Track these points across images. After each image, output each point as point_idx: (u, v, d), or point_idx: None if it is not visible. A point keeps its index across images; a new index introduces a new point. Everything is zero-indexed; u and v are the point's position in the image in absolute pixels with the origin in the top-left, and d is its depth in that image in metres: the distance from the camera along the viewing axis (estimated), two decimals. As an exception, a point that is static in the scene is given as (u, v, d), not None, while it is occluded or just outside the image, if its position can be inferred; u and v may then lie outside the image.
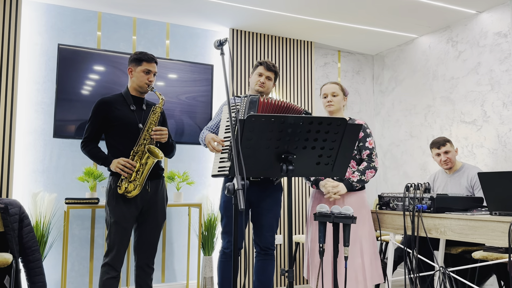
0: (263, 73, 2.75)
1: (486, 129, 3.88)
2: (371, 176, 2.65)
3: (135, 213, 2.64)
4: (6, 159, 3.40)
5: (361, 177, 2.61)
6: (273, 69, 2.78)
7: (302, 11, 3.94)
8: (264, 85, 2.75)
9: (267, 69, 2.76)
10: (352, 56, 5.17)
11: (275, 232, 2.76)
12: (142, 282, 2.74)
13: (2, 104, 3.42)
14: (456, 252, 3.27)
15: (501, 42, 3.79)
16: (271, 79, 2.78)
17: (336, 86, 2.75)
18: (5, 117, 3.43)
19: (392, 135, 4.95)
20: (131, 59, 2.72)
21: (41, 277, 3.16)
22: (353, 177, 2.62)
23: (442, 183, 3.57)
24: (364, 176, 2.62)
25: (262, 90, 2.75)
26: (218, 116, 2.80)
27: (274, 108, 2.54)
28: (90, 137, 2.69)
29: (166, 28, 4.24)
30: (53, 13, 3.81)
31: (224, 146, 2.48)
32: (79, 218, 3.76)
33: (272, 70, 2.77)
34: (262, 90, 2.75)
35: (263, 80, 2.74)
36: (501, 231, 2.18)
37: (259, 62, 2.79)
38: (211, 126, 2.79)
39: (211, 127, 2.78)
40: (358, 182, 2.61)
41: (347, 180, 2.61)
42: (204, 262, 3.97)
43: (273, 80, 2.80)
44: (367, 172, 2.63)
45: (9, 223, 3.03)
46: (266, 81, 2.75)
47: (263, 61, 2.77)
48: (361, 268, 2.56)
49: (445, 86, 4.31)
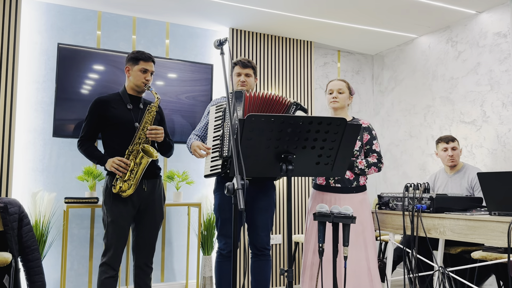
0: (241, 72, 2.78)
1: (485, 129, 3.88)
2: (372, 173, 2.66)
3: (132, 212, 2.64)
4: (5, 158, 3.40)
5: (365, 168, 2.61)
6: (249, 65, 2.79)
7: (301, 11, 3.94)
8: (245, 83, 2.77)
9: (244, 67, 2.78)
10: (351, 56, 5.17)
11: (270, 232, 2.76)
12: (141, 281, 2.74)
13: (1, 103, 3.42)
14: (455, 252, 3.27)
15: (500, 43, 3.79)
16: (250, 75, 2.80)
17: (343, 84, 2.75)
18: (5, 116, 3.42)
19: (391, 135, 4.96)
20: (128, 58, 2.73)
21: (40, 276, 3.16)
22: (360, 163, 2.62)
23: (442, 183, 3.57)
24: (367, 169, 2.62)
25: (245, 89, 2.77)
26: (205, 118, 2.82)
27: (262, 101, 2.56)
28: (86, 136, 2.69)
29: (166, 27, 4.23)
30: (53, 12, 3.80)
31: (212, 149, 2.51)
32: (79, 218, 3.76)
33: (248, 66, 2.79)
34: (245, 89, 2.77)
35: (243, 79, 2.77)
36: (500, 231, 2.18)
37: (234, 63, 2.82)
38: (199, 129, 2.81)
39: (199, 130, 2.81)
40: (360, 170, 2.61)
41: (353, 161, 2.60)
42: (203, 261, 3.97)
43: (254, 76, 2.82)
44: (372, 168, 2.64)
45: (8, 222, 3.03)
46: (247, 79, 2.78)
47: (237, 60, 2.79)
48: (367, 271, 2.54)
49: (444, 86, 4.31)
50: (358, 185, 2.65)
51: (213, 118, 2.61)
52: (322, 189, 2.69)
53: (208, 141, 2.62)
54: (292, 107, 2.61)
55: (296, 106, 2.62)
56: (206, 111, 2.86)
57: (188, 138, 2.79)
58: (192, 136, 2.80)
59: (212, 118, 2.61)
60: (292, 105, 2.62)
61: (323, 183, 2.68)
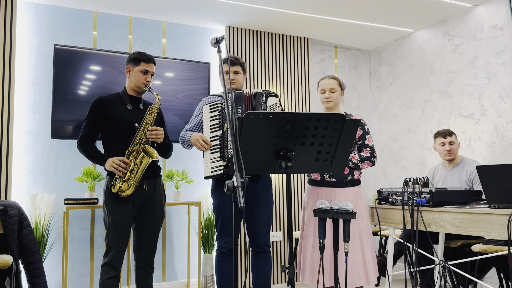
0: (229, 69, 2.75)
1: (483, 123, 3.89)
2: (365, 167, 2.67)
3: (133, 212, 2.64)
4: (4, 160, 3.39)
5: (358, 163, 2.63)
6: (237, 62, 2.76)
7: (298, 7, 3.93)
8: (235, 81, 2.74)
9: (232, 64, 2.74)
10: (349, 51, 5.17)
11: (270, 228, 2.76)
12: (142, 281, 2.74)
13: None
14: (456, 245, 3.28)
15: (497, 35, 3.80)
16: (239, 72, 2.77)
17: (334, 82, 2.74)
18: (2, 119, 3.41)
19: (390, 130, 4.96)
20: (129, 59, 2.72)
21: (41, 278, 3.16)
22: (353, 157, 2.63)
23: (441, 177, 3.58)
24: (361, 164, 2.64)
25: (234, 86, 2.74)
26: (198, 117, 2.77)
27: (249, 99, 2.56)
28: (86, 136, 2.69)
29: (162, 26, 4.22)
30: (48, 13, 3.79)
31: (212, 146, 2.49)
32: (79, 219, 3.76)
33: (236, 63, 2.75)
34: (234, 86, 2.74)
35: (233, 77, 2.74)
36: (500, 224, 2.19)
37: (222, 61, 2.78)
38: (192, 127, 2.76)
39: (191, 128, 2.76)
40: (354, 164, 2.62)
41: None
42: (204, 260, 3.97)
43: (242, 73, 2.80)
44: (366, 162, 2.65)
45: (8, 224, 3.02)
46: (236, 76, 2.75)
47: (224, 58, 2.72)
48: (362, 263, 2.56)
49: (442, 80, 4.31)
50: (353, 179, 2.67)
51: (208, 117, 2.57)
52: (318, 184, 2.69)
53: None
54: (262, 95, 2.60)
55: (266, 94, 2.61)
56: (197, 109, 2.81)
57: (180, 135, 2.74)
58: (185, 132, 2.74)
59: (207, 118, 2.58)
60: (262, 94, 2.60)
61: (318, 178, 2.68)
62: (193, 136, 2.57)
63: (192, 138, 2.57)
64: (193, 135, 2.57)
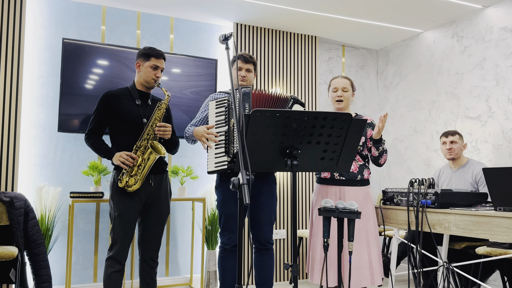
0: (242, 66, 2.75)
1: (490, 125, 3.86)
2: (383, 162, 2.71)
3: (139, 207, 2.65)
4: (11, 153, 3.42)
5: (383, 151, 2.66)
6: (251, 61, 2.77)
7: (306, 5, 3.92)
8: (246, 78, 2.75)
9: (245, 62, 2.75)
10: (356, 50, 5.15)
11: (273, 226, 2.76)
12: (146, 275, 2.75)
13: (7, 98, 3.43)
14: (460, 247, 3.27)
15: (506, 37, 3.77)
16: (251, 71, 2.77)
17: (347, 82, 2.73)
18: (10, 111, 3.44)
19: (396, 131, 4.94)
20: (140, 54, 2.72)
21: (46, 270, 3.19)
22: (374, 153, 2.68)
23: (446, 178, 3.56)
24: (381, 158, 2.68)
25: (244, 84, 2.75)
26: (203, 113, 2.78)
27: (266, 99, 2.54)
28: (94, 129, 2.70)
29: (170, 22, 4.23)
30: (57, 7, 3.81)
31: (217, 145, 2.49)
32: (84, 212, 3.78)
33: (250, 61, 2.76)
34: (244, 84, 2.75)
35: (244, 74, 2.74)
36: (506, 227, 2.18)
37: (236, 57, 2.79)
38: (196, 122, 2.77)
39: (196, 123, 2.77)
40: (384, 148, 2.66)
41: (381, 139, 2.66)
42: (207, 256, 3.98)
43: (254, 71, 2.80)
44: (384, 156, 2.69)
45: (14, 216, 3.05)
46: (247, 74, 2.75)
47: (239, 55, 2.75)
48: (368, 263, 2.55)
49: (449, 81, 4.29)
50: (363, 178, 2.66)
51: (214, 113, 2.57)
52: (327, 183, 2.69)
53: None
54: (289, 101, 2.60)
55: (294, 100, 2.61)
56: (203, 105, 2.82)
57: (186, 130, 2.76)
58: (190, 127, 2.76)
59: (213, 113, 2.58)
60: (290, 99, 2.60)
61: (328, 176, 2.68)
62: (196, 130, 2.58)
63: (196, 132, 2.57)
64: (196, 129, 2.58)
